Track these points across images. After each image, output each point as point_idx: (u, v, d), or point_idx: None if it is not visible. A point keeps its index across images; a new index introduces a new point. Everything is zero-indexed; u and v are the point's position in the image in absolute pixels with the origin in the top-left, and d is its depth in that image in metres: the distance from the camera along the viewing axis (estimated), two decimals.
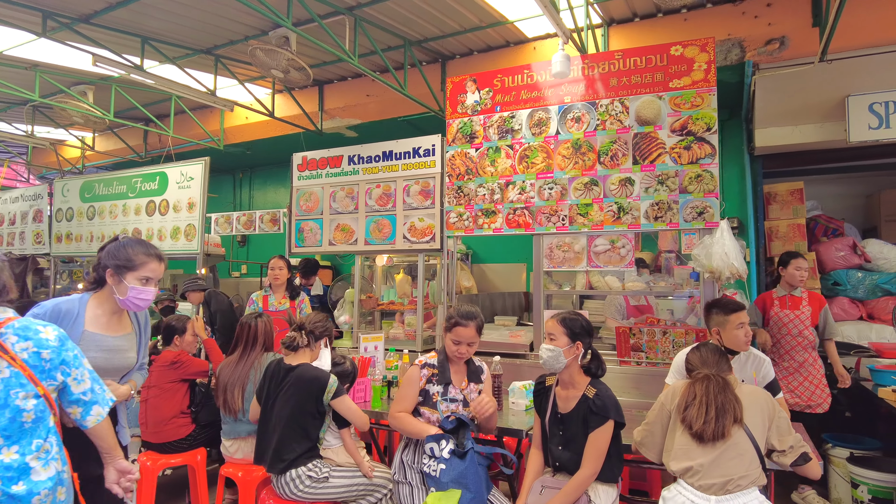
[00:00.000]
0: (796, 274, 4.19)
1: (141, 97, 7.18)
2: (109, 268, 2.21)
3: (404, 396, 2.74)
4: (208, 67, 6.17)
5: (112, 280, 2.21)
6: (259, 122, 7.39)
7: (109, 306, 2.26)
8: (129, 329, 2.35)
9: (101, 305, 2.26)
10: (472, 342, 2.74)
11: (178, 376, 3.55)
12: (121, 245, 2.25)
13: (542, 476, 2.55)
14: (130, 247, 2.25)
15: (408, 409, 2.72)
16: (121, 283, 2.21)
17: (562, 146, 4.56)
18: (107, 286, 2.25)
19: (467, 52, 6.15)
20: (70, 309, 2.17)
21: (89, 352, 2.07)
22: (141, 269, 2.23)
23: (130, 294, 2.22)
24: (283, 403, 2.87)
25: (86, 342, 2.15)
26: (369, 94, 6.82)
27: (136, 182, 6.69)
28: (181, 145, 7.90)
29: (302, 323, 3.09)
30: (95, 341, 2.21)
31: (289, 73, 5.18)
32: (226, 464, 3.36)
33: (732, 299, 3.12)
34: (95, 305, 2.25)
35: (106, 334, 2.24)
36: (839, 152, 6.06)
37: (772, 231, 5.90)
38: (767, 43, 4.77)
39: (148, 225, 6.49)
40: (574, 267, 4.55)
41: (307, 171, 5.87)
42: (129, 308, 2.27)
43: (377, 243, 5.37)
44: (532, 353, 4.59)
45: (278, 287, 4.89)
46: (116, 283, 2.21)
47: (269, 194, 9.79)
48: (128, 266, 2.21)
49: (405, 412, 2.72)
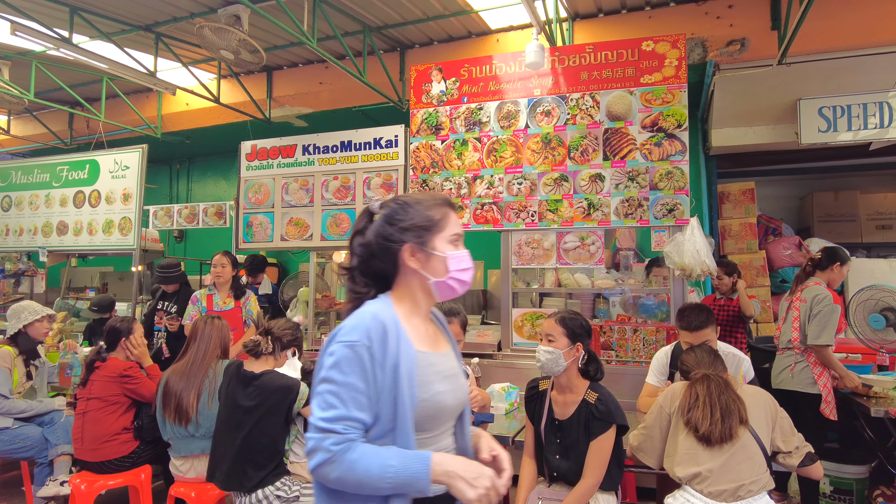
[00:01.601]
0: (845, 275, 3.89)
1: (67, 77, 6.52)
2: (408, 242, 1.37)
3: None
4: (147, 47, 5.65)
5: (416, 259, 1.38)
6: (201, 108, 6.88)
7: (413, 307, 1.43)
8: (446, 342, 1.51)
9: (404, 307, 1.41)
10: (458, 340, 2.56)
11: (125, 391, 3.16)
12: (402, 205, 1.41)
13: (538, 487, 2.39)
14: (416, 202, 1.42)
15: None
16: (431, 258, 1.38)
17: (531, 140, 4.44)
18: (401, 277, 1.42)
19: (428, 41, 5.94)
20: (387, 320, 1.33)
21: (433, 384, 1.34)
22: (449, 226, 1.42)
23: (452, 268, 1.39)
24: (246, 415, 2.57)
25: (423, 369, 1.34)
26: (322, 82, 6.48)
27: (62, 170, 6.07)
28: (113, 132, 7.24)
29: (269, 328, 2.80)
30: (433, 366, 1.38)
31: (239, 55, 4.79)
32: (175, 483, 3.01)
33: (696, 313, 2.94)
34: (399, 309, 1.41)
35: (435, 352, 1.42)
36: (781, 154, 6.32)
37: (725, 230, 6.04)
38: (729, 44, 4.83)
39: (76, 217, 5.91)
40: (543, 264, 4.45)
41: (257, 161, 5.49)
42: (447, 295, 1.43)
43: (335, 239, 5.08)
44: (499, 353, 4.46)
45: (222, 285, 4.50)
46: (424, 261, 1.38)
47: (210, 186, 9.20)
48: (429, 226, 1.39)
49: None
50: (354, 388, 1.24)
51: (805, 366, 3.58)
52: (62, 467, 3.61)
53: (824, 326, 3.50)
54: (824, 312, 3.53)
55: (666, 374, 3.24)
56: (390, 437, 1.26)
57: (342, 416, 1.22)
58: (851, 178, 7.27)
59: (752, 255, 5.87)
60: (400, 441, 1.26)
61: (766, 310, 5.73)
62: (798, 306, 3.70)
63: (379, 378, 1.26)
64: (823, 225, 7.14)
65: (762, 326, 5.68)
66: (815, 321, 3.52)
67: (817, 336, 3.48)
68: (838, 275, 3.75)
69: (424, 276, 1.39)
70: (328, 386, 1.25)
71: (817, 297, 3.61)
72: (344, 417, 1.22)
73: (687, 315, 2.94)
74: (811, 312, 3.60)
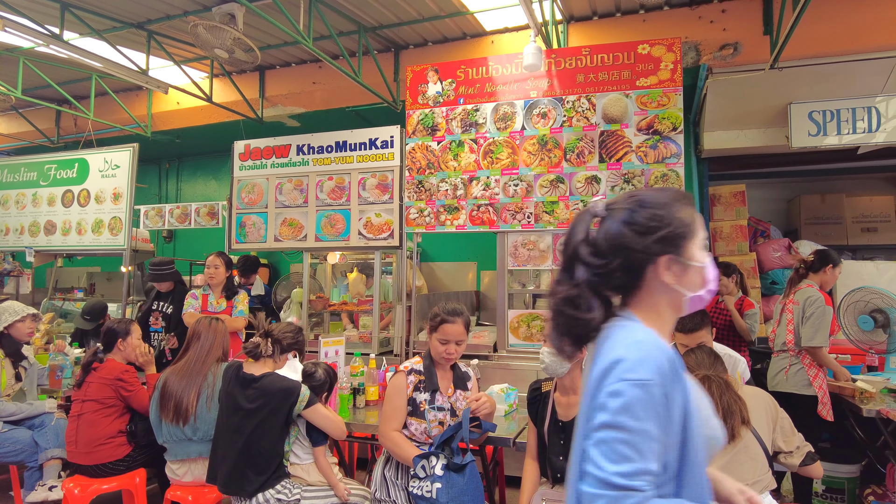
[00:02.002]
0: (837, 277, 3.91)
1: (55, 74, 6.42)
2: (666, 254, 1.16)
3: (395, 409, 2.49)
4: (139, 45, 5.58)
5: (671, 273, 1.17)
6: (192, 107, 6.81)
7: (661, 327, 1.21)
8: None
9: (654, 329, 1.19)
10: (461, 340, 2.55)
11: (119, 396, 3.11)
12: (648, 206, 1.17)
13: (541, 489, 2.40)
14: (662, 203, 1.18)
15: (400, 424, 2.48)
16: (688, 269, 1.17)
17: (527, 142, 4.45)
18: (646, 292, 1.20)
19: (422, 42, 5.93)
20: (668, 350, 1.14)
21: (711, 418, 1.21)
22: (700, 228, 1.21)
23: (710, 278, 1.20)
24: (246, 418, 2.55)
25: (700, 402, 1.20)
26: (315, 82, 6.45)
27: (51, 169, 5.98)
28: (101, 130, 7.14)
29: (270, 330, 2.78)
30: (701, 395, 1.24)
31: (234, 54, 4.75)
32: (172, 487, 2.98)
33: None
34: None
35: None
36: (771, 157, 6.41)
37: (716, 232, 6.10)
38: (722, 48, 4.88)
39: (65, 217, 5.82)
40: (539, 265, 4.46)
41: (250, 161, 5.45)
42: (695, 309, 1.24)
43: (329, 239, 5.06)
44: (495, 355, 4.46)
45: (216, 286, 4.48)
46: (680, 274, 1.17)
47: (200, 186, 9.11)
48: (686, 233, 1.17)
49: (398, 430, 2.48)
50: (650, 436, 1.04)
51: (800, 368, 3.63)
52: (52, 472, 3.55)
53: (818, 328, 3.55)
54: (817, 314, 3.58)
55: None
56: (671, 486, 1.10)
57: (641, 471, 1.03)
58: (837, 182, 7.39)
59: (743, 256, 5.94)
60: (689, 490, 1.09)
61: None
62: (791, 308, 3.75)
63: (671, 420, 1.08)
64: (810, 227, 7.26)
65: None
66: (809, 323, 3.57)
67: (811, 338, 3.53)
68: (831, 277, 3.80)
69: (679, 291, 1.17)
70: (619, 434, 1.04)
71: (809, 299, 3.66)
72: (642, 472, 1.03)
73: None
74: (804, 315, 3.65)
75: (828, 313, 3.58)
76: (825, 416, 3.47)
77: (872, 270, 5.84)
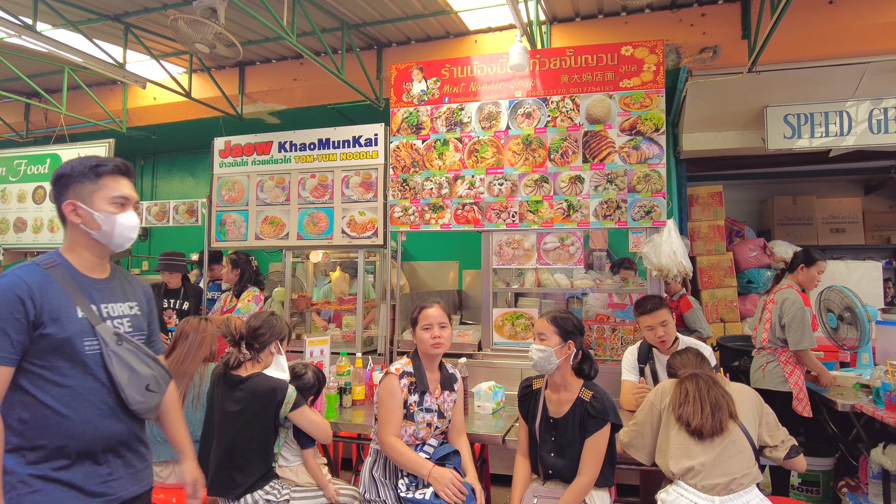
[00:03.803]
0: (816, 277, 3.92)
1: (25, 66, 6.23)
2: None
3: (392, 413, 2.45)
4: (116, 38, 5.45)
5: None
6: (170, 103, 6.68)
7: None
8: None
9: None
10: (444, 324, 2.55)
11: None
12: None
13: (533, 486, 2.41)
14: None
15: (399, 428, 2.45)
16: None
17: (512, 141, 4.47)
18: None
19: (405, 40, 5.92)
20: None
21: None
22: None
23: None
24: (235, 421, 2.51)
25: None
26: (296, 79, 6.38)
27: (20, 164, 5.80)
28: (74, 125, 6.95)
29: (241, 333, 2.69)
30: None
31: (215, 49, 4.66)
32: (154, 489, 2.90)
33: (650, 298, 3.34)
34: None
35: None
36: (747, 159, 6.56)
37: (694, 231, 6.21)
38: (702, 51, 4.98)
39: (36, 214, 5.65)
40: (524, 264, 4.48)
41: (230, 158, 5.36)
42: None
43: (312, 238, 5.00)
44: (480, 353, 4.47)
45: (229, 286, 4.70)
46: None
47: (176, 184, 8.94)
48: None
49: (397, 434, 2.45)
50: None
51: (776, 365, 3.71)
52: None
53: (803, 331, 3.58)
54: (797, 318, 3.61)
55: (637, 369, 3.36)
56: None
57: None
58: (809, 184, 7.61)
59: (720, 256, 6.06)
60: None
61: (734, 309, 5.93)
62: (770, 308, 3.84)
63: None
64: (782, 228, 7.47)
65: (729, 326, 5.87)
66: (793, 328, 3.61)
67: (799, 341, 3.57)
68: (806, 276, 3.87)
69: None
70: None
71: (786, 301, 3.72)
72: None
73: (641, 302, 3.29)
74: (781, 318, 3.71)
75: (807, 314, 3.65)
76: (801, 412, 3.56)
77: (843, 270, 6.02)
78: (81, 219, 1.68)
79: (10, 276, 1.60)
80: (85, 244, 1.72)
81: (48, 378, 1.59)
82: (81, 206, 1.67)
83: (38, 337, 1.57)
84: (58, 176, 1.71)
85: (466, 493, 2.32)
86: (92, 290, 1.70)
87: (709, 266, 6.04)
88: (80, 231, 1.70)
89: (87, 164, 1.71)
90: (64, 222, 1.72)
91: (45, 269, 1.63)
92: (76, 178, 1.69)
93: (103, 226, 1.69)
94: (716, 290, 5.98)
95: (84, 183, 1.69)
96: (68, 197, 1.68)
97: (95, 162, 1.71)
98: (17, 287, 1.56)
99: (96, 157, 1.74)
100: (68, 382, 1.60)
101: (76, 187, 1.69)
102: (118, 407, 1.69)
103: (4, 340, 1.53)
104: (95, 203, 1.68)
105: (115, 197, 1.71)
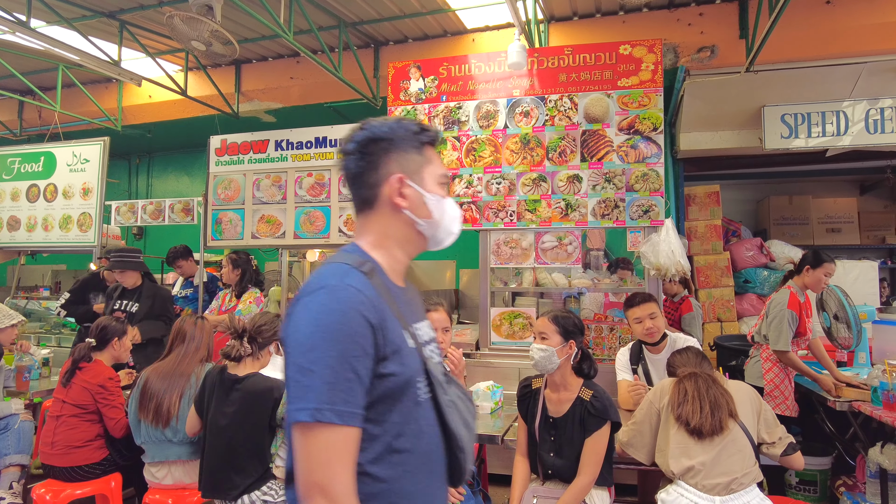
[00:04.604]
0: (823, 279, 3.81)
1: (19, 63, 6.18)
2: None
3: None
4: (111, 35, 5.41)
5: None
6: (166, 101, 6.64)
7: None
8: None
9: None
10: (447, 328, 2.53)
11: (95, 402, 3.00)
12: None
13: (532, 486, 2.40)
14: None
15: None
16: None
17: (510, 140, 4.46)
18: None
19: (402, 38, 5.90)
20: None
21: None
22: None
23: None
24: (231, 421, 2.49)
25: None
26: (293, 77, 6.35)
27: (14, 163, 5.75)
28: (68, 123, 6.90)
29: (244, 328, 2.69)
30: None
31: (211, 46, 4.63)
32: (150, 490, 2.89)
33: (639, 293, 3.37)
34: None
35: None
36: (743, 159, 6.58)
37: (691, 231, 6.21)
38: (699, 50, 4.98)
39: (29, 212, 5.60)
40: (522, 263, 4.47)
41: (227, 157, 5.33)
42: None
43: (308, 237, 4.99)
44: (478, 353, 4.46)
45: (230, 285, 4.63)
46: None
47: (171, 182, 8.90)
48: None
49: None
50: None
51: (757, 360, 3.74)
52: (7, 480, 3.38)
53: (779, 332, 3.56)
54: (777, 318, 3.59)
55: (630, 370, 3.36)
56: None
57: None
58: (805, 184, 7.63)
59: (717, 256, 6.07)
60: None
61: (731, 309, 5.94)
62: (766, 304, 3.85)
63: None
64: (778, 228, 7.48)
65: (726, 325, 5.87)
66: (772, 328, 3.61)
67: (776, 342, 3.57)
68: (812, 278, 3.73)
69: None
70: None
71: (773, 300, 3.72)
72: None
73: (630, 298, 3.32)
74: (767, 317, 3.72)
75: (785, 316, 3.58)
76: (783, 412, 3.52)
77: (839, 270, 5.99)
78: (408, 202, 1.18)
79: (344, 288, 1.05)
80: (404, 239, 1.22)
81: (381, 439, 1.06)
82: (411, 183, 1.18)
83: (377, 379, 1.05)
84: (373, 137, 1.18)
85: (464, 493, 2.30)
86: (402, 306, 1.16)
87: (706, 266, 6.04)
88: (402, 220, 1.20)
89: (409, 127, 1.21)
90: (367, 207, 1.21)
91: (366, 276, 1.10)
92: (400, 143, 1.19)
93: (434, 213, 1.20)
94: (713, 290, 5.98)
95: (409, 152, 1.19)
96: (392, 169, 1.18)
97: (418, 126, 1.22)
98: (361, 305, 1.03)
99: (414, 121, 1.24)
100: (406, 445, 1.08)
101: (401, 157, 1.19)
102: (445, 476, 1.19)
103: (354, 387, 1.00)
104: (426, 182, 1.20)
105: (442, 176, 1.24)
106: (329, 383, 0.97)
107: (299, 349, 1.00)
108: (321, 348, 0.99)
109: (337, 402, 0.97)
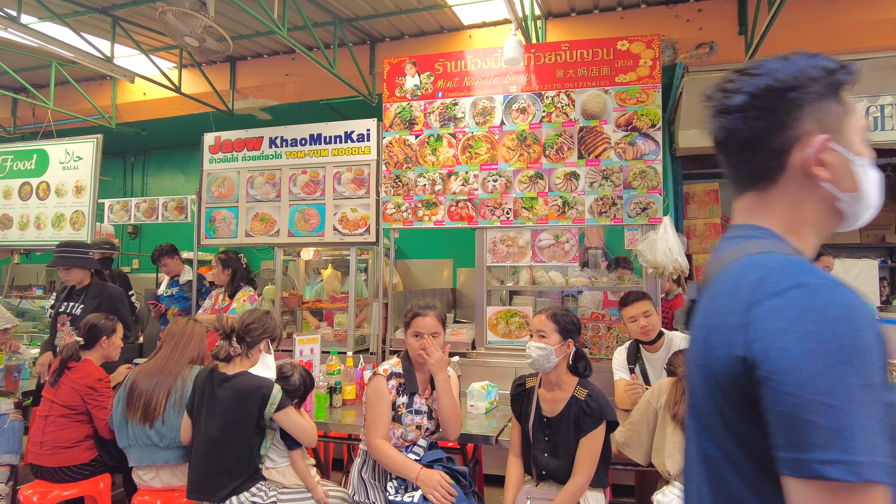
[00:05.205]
0: None
1: (11, 60, 6.12)
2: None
3: (379, 414, 2.38)
4: (104, 31, 5.35)
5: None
6: (159, 98, 6.58)
7: None
8: None
9: None
10: (436, 333, 2.48)
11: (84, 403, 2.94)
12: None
13: (526, 487, 2.35)
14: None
15: (387, 431, 2.38)
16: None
17: (506, 137, 4.41)
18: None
19: (398, 35, 5.85)
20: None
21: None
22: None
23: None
24: (219, 420, 2.44)
25: None
26: (288, 74, 6.30)
27: (6, 160, 5.69)
28: (62, 121, 6.85)
29: (232, 327, 2.63)
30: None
31: (205, 43, 4.58)
32: (139, 492, 2.83)
33: (633, 292, 3.38)
34: None
35: None
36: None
37: (690, 229, 6.17)
38: (698, 47, 4.93)
39: (22, 211, 5.54)
40: (518, 262, 4.42)
41: (220, 154, 5.27)
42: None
43: (303, 235, 4.93)
44: (474, 352, 4.41)
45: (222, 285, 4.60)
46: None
47: (167, 181, 8.85)
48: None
49: (385, 437, 2.39)
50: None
51: None
52: None
53: None
54: None
55: (627, 369, 3.32)
56: None
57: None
58: None
59: None
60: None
61: None
62: None
63: None
64: None
65: None
66: None
67: None
68: None
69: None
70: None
71: None
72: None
73: (624, 297, 3.31)
74: None
75: None
76: None
77: (839, 268, 5.98)
78: (831, 172, 0.88)
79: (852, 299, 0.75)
80: (818, 221, 0.92)
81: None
82: (836, 146, 0.88)
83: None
84: (777, 86, 0.87)
85: (456, 494, 2.26)
86: None
87: (705, 263, 6.00)
88: (819, 196, 0.89)
89: (823, 64, 0.88)
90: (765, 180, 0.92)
91: None
92: (813, 90, 0.87)
93: (863, 183, 0.89)
94: None
95: (827, 102, 0.88)
96: (807, 127, 0.87)
97: (832, 62, 0.88)
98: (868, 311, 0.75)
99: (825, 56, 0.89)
100: None
101: (817, 110, 0.88)
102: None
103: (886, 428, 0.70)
104: (852, 141, 0.89)
105: (865, 129, 0.92)
106: (864, 425, 0.69)
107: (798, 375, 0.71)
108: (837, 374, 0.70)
109: (877, 452, 0.68)
